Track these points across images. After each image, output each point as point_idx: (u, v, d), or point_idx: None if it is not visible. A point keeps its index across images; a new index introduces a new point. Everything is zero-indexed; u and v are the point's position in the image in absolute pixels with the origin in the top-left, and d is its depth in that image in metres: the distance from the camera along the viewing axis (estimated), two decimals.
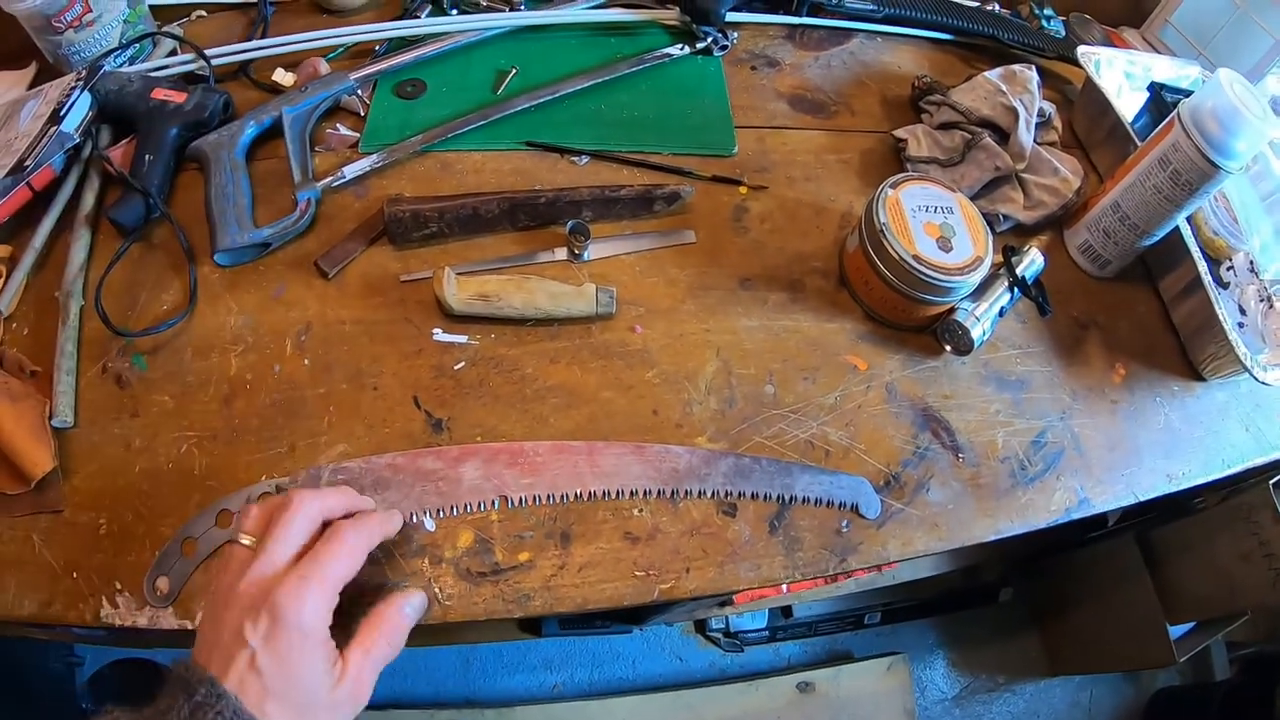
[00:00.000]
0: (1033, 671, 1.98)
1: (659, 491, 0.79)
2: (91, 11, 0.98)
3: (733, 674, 1.89)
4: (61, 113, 0.91)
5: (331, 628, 0.60)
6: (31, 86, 1.05)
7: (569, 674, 1.85)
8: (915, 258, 0.84)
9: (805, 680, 1.72)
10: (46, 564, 0.72)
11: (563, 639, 1.84)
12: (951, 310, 0.89)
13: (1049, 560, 1.93)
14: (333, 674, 0.59)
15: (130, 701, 0.55)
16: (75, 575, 0.71)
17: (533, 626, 1.63)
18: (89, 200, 0.92)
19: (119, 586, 0.71)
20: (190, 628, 0.69)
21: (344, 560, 0.62)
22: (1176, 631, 1.55)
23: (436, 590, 0.73)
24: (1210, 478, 0.91)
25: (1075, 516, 0.85)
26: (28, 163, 0.88)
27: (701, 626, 1.87)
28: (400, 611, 0.66)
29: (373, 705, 0.61)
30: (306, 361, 0.83)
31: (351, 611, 0.63)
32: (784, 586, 0.81)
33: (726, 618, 1.82)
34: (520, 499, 0.77)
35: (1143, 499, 0.88)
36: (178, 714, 0.53)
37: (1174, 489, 0.90)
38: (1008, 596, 1.98)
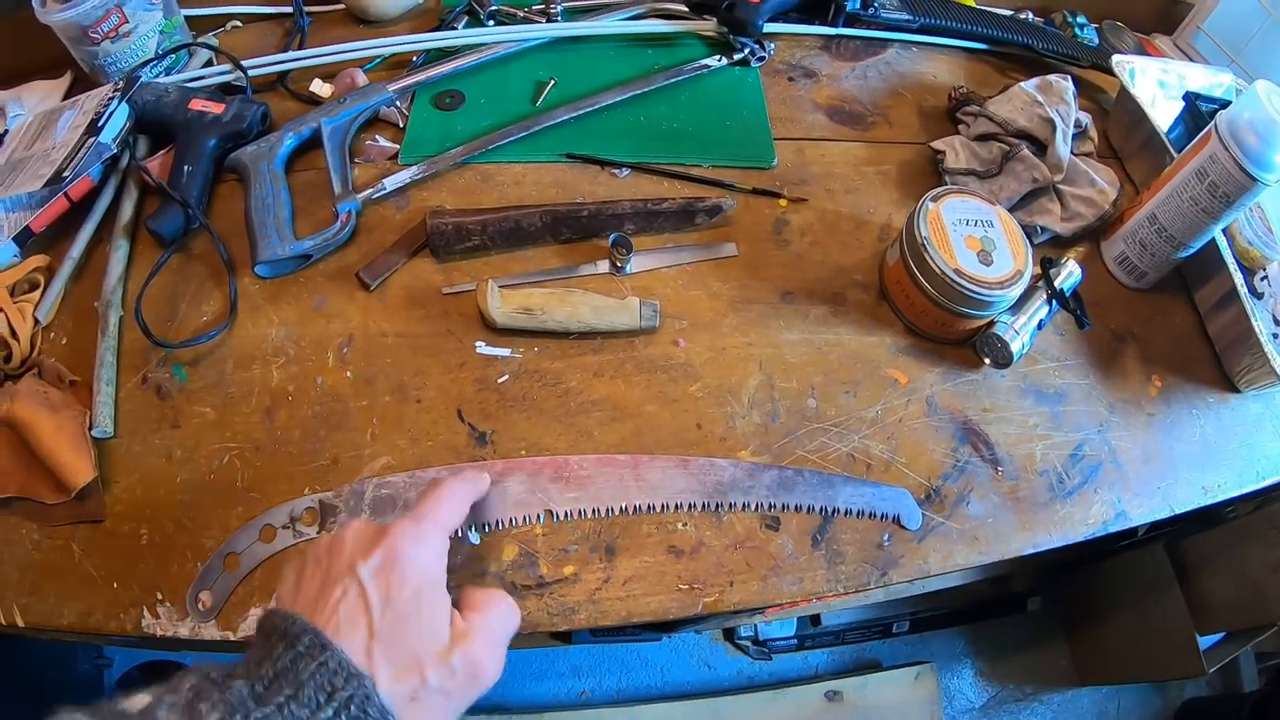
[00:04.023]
0: (1061, 681, 1.97)
1: (703, 505, 0.79)
2: (128, 22, 0.99)
3: (761, 682, 1.88)
4: (99, 123, 0.92)
5: None
6: (66, 96, 1.06)
7: (597, 681, 1.85)
8: (957, 271, 0.84)
9: (833, 689, 1.71)
10: (86, 574, 0.72)
11: (592, 646, 1.84)
12: (991, 323, 0.89)
13: (1078, 569, 1.92)
14: (448, 631, 0.53)
15: None
16: (116, 585, 0.71)
17: (563, 634, 1.62)
18: (127, 211, 0.92)
19: (160, 597, 0.71)
20: (233, 639, 0.70)
21: (453, 506, 0.61)
22: (1206, 642, 1.54)
23: None
24: (1245, 489, 0.91)
25: (1112, 530, 0.85)
26: (66, 173, 0.88)
27: (730, 634, 1.87)
28: (506, 596, 0.60)
29: None
30: (349, 374, 0.84)
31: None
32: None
33: (755, 626, 1.82)
34: (565, 512, 0.77)
35: (1178, 511, 0.88)
36: (274, 665, 0.47)
37: (1209, 501, 0.89)
38: (1036, 606, 1.97)
